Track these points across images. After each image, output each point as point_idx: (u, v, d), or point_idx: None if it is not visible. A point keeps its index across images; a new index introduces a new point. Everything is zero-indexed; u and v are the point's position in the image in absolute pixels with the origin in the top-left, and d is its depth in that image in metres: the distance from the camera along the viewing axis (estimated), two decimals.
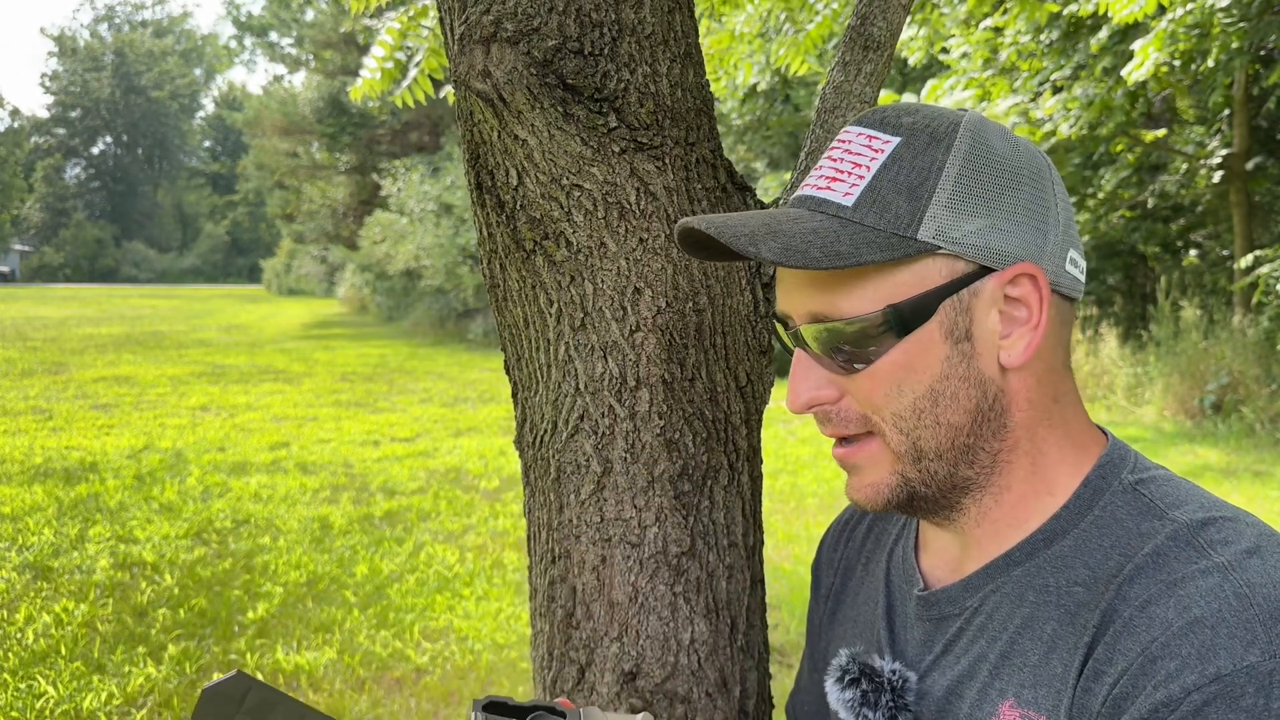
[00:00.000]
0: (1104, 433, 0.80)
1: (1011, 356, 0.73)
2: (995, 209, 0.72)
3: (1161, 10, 6.52)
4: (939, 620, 0.80)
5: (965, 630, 0.78)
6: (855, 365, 0.73)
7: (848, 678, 0.81)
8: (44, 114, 77.87)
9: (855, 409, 0.75)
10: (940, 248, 0.71)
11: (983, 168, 0.73)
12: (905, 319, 0.71)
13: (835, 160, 0.76)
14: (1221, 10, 7.08)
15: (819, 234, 0.71)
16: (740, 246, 0.70)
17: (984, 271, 0.72)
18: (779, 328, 0.80)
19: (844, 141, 0.77)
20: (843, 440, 0.78)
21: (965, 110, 0.77)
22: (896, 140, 0.74)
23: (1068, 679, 0.68)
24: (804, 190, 0.77)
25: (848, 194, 0.73)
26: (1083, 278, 0.78)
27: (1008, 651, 0.73)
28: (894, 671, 0.80)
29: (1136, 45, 6.43)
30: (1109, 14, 4.73)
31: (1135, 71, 6.44)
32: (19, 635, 4.06)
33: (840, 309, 0.72)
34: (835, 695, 0.82)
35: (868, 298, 0.72)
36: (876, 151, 0.74)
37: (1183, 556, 0.67)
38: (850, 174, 0.74)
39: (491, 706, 0.79)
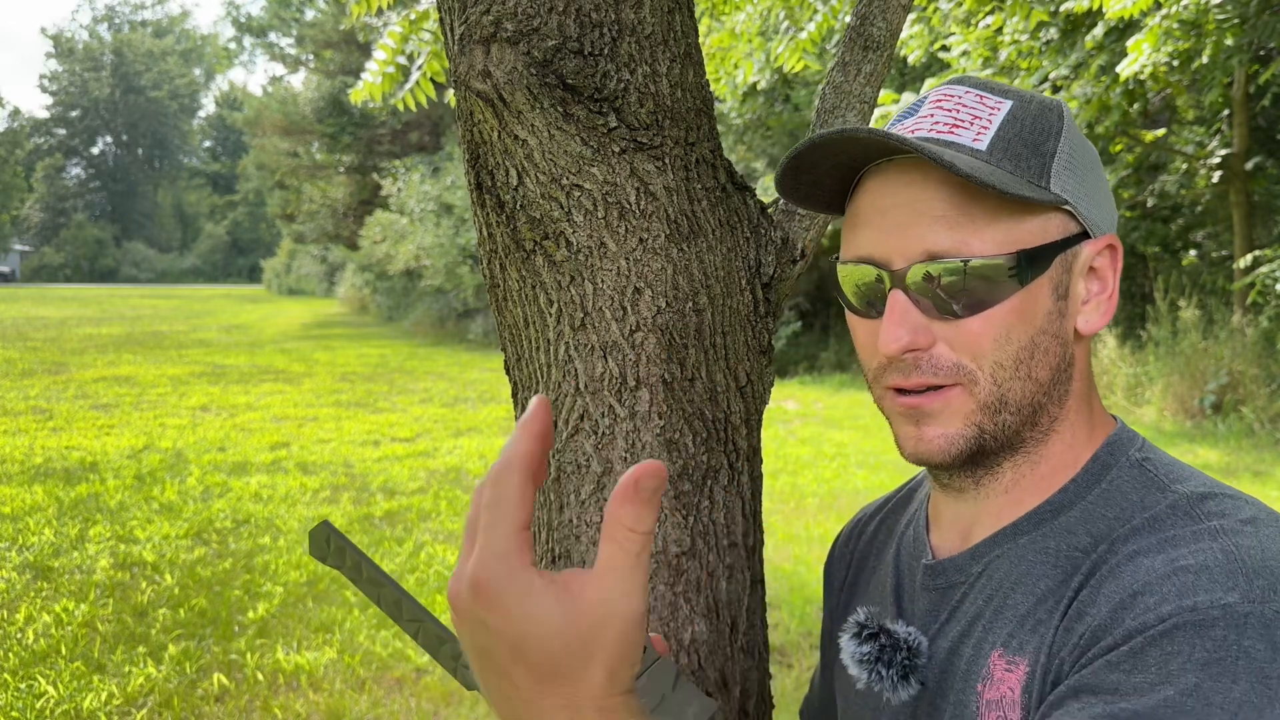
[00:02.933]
0: (1114, 417, 0.83)
1: (1089, 323, 0.77)
2: (1092, 182, 0.77)
3: (1157, 6, 6.52)
4: (945, 589, 0.81)
5: (968, 594, 0.79)
6: (966, 310, 0.73)
7: (865, 632, 0.81)
8: (43, 114, 77.83)
9: (949, 357, 0.74)
10: (1068, 203, 0.74)
11: (1081, 143, 0.77)
12: (1032, 266, 0.72)
13: (949, 111, 0.76)
14: (1216, 7, 7.09)
15: (974, 163, 0.71)
16: (935, 153, 0.68)
17: (1084, 236, 0.76)
18: (855, 271, 0.77)
19: (951, 96, 0.78)
20: (912, 390, 0.76)
21: None
22: (1010, 102, 0.76)
23: (1051, 623, 0.70)
24: (916, 134, 0.76)
25: (976, 139, 0.74)
26: None
27: (1001, 607, 0.75)
28: (910, 634, 0.80)
29: (1131, 42, 6.43)
30: (1103, 10, 4.73)
31: (1129, 67, 6.44)
32: (19, 635, 4.06)
33: (971, 248, 0.71)
34: (851, 649, 0.82)
35: (999, 240, 0.72)
36: (992, 108, 0.76)
37: (1178, 523, 0.68)
38: (972, 123, 0.75)
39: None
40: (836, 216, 0.87)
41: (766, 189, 11.72)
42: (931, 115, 0.76)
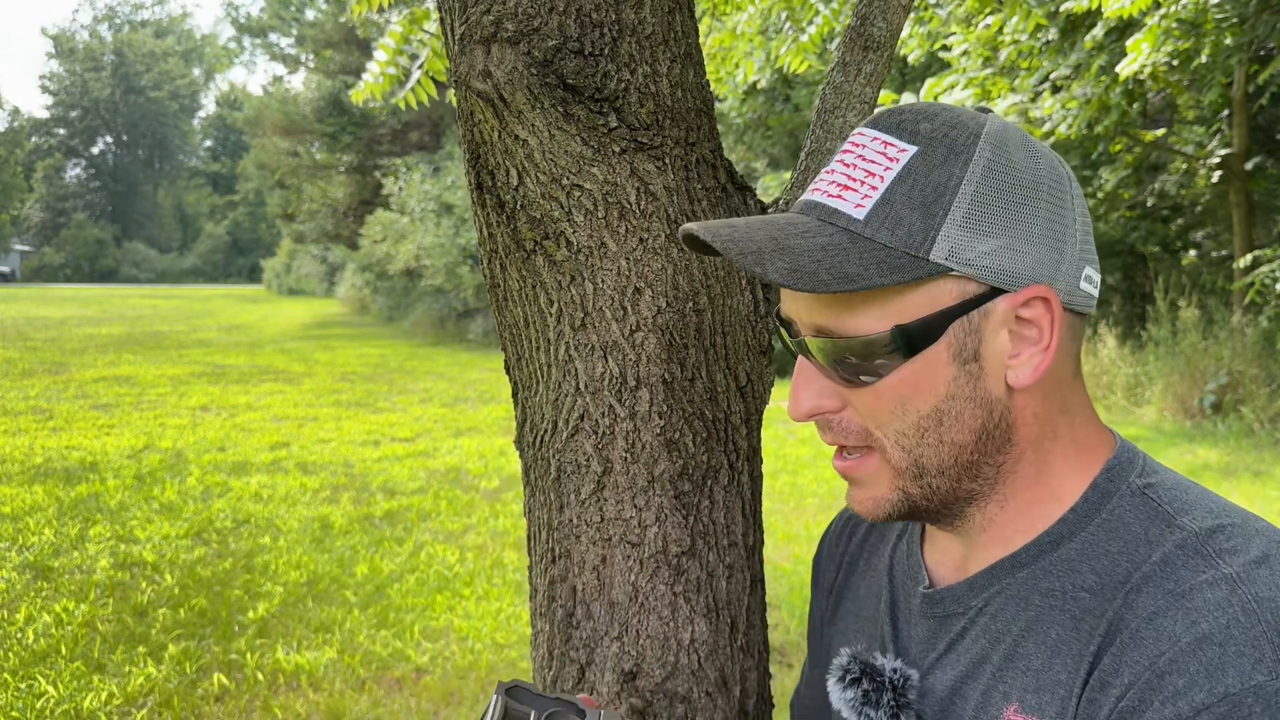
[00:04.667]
0: (1113, 435, 0.79)
1: (1019, 377, 0.72)
2: (1011, 228, 0.70)
3: (1156, 5, 6.52)
4: (943, 618, 0.80)
5: (969, 630, 0.78)
6: (860, 380, 0.72)
7: (849, 677, 0.81)
8: (43, 114, 77.83)
9: (857, 421, 0.74)
10: (952, 269, 0.69)
11: (1001, 184, 0.71)
12: (912, 340, 0.69)
13: (848, 165, 0.74)
14: (1215, 6, 7.09)
15: (828, 251, 0.69)
16: (746, 265, 0.67)
17: (996, 292, 0.70)
18: (782, 330, 0.78)
19: (858, 145, 0.74)
20: (843, 451, 0.77)
21: (989, 114, 0.74)
22: (913, 149, 0.71)
23: (1072, 687, 0.68)
24: (813, 195, 0.75)
25: (859, 206, 0.71)
26: (1096, 293, 0.76)
27: (1011, 654, 0.73)
28: (895, 670, 0.80)
29: (1130, 42, 6.43)
30: (1101, 9, 4.72)
31: (1129, 67, 6.44)
32: (19, 635, 4.06)
33: (846, 327, 0.70)
34: (837, 694, 0.82)
35: (875, 316, 0.70)
36: (891, 160, 0.72)
37: (1190, 565, 0.66)
38: (863, 183, 0.72)
39: (515, 691, 0.79)
40: None
41: (766, 189, 11.73)
42: (833, 170, 0.75)
